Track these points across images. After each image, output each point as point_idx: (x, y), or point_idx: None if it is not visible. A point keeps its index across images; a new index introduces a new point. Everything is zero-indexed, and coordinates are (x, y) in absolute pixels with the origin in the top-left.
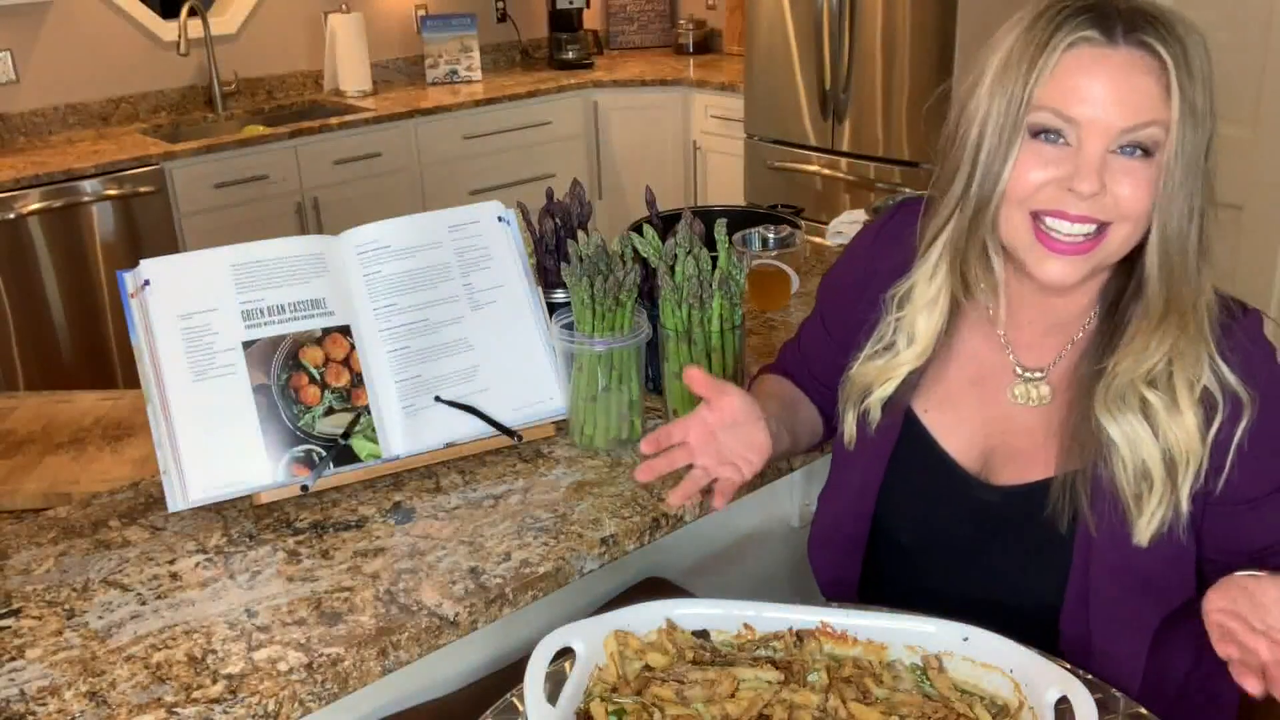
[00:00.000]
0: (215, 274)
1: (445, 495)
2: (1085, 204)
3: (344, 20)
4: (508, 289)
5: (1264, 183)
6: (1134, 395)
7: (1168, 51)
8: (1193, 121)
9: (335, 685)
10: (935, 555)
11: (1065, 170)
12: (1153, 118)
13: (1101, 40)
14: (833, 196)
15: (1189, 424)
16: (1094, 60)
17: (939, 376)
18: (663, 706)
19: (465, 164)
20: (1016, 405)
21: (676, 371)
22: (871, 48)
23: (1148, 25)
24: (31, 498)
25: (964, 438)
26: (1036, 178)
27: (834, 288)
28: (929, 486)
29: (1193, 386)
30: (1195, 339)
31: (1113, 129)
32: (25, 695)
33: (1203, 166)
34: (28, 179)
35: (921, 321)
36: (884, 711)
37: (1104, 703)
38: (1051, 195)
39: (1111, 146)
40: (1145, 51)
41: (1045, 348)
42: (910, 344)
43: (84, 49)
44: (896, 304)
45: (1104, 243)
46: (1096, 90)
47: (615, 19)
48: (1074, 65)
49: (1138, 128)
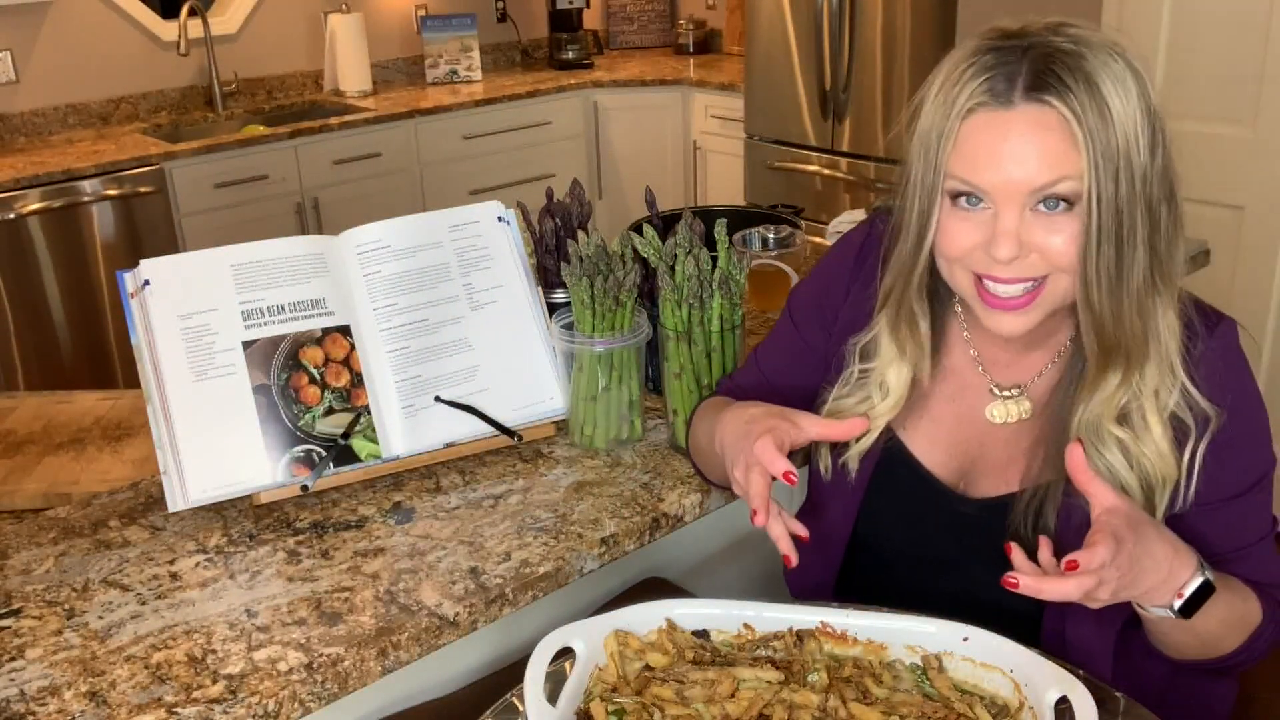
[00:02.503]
0: (215, 274)
1: (445, 495)
2: (1011, 267)
3: (344, 20)
4: (508, 289)
5: (1264, 183)
6: (1106, 431)
7: (1067, 106)
8: (1110, 167)
9: (335, 685)
10: (914, 567)
11: (986, 235)
12: (1062, 174)
13: (996, 105)
14: (833, 196)
15: (1164, 449)
16: (992, 125)
17: (917, 395)
18: (663, 706)
19: (465, 164)
20: (995, 423)
21: (676, 371)
22: (871, 48)
23: (1049, 73)
24: (31, 498)
25: (942, 452)
26: (962, 243)
27: (815, 297)
28: (909, 502)
29: (1163, 413)
30: (1161, 367)
31: (1021, 191)
32: (25, 695)
33: (1145, 197)
34: (28, 179)
35: (892, 375)
36: (884, 711)
37: (1104, 703)
38: (980, 259)
39: (1028, 206)
40: (1045, 108)
41: (1024, 365)
42: (885, 397)
43: (84, 49)
44: (860, 355)
45: (1045, 293)
46: (999, 156)
47: (615, 19)
48: (974, 133)
49: (1046, 186)
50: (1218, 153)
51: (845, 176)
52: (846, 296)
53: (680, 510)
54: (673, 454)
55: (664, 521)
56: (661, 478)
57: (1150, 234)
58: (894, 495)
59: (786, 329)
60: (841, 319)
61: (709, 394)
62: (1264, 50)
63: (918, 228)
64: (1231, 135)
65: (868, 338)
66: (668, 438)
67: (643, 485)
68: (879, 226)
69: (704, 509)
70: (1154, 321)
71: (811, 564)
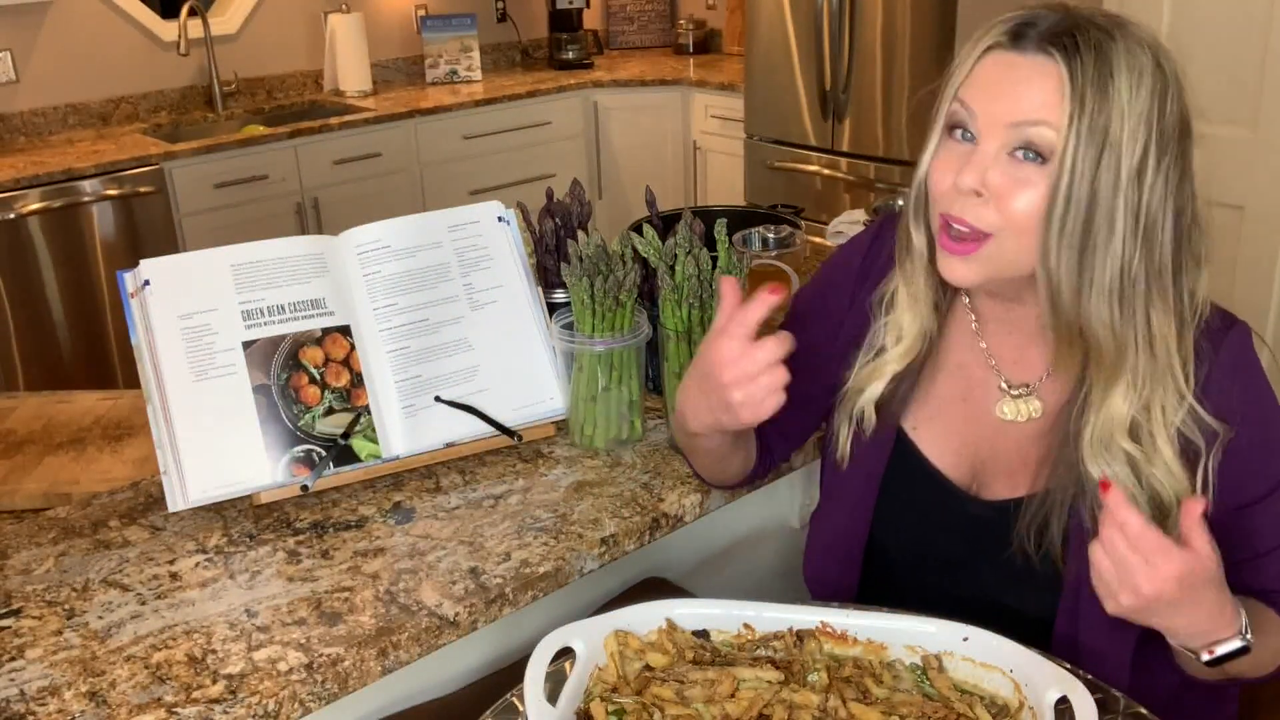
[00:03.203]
0: (215, 274)
1: (445, 495)
2: (964, 208)
3: (344, 20)
4: (508, 289)
5: (1264, 183)
6: (1116, 444)
7: (1068, 66)
8: (1094, 141)
9: (335, 685)
10: (929, 568)
11: (962, 165)
12: (1043, 118)
13: (1010, 47)
14: (833, 196)
15: (1175, 469)
16: (999, 62)
17: (928, 392)
18: (663, 706)
19: (465, 164)
20: (1006, 421)
21: (676, 371)
22: (871, 48)
23: (1067, 35)
24: (31, 498)
25: (953, 453)
26: (944, 178)
27: (819, 299)
28: (921, 503)
29: (1169, 430)
30: (1164, 383)
31: (1001, 122)
32: (25, 695)
33: (1135, 197)
34: (28, 179)
35: (907, 320)
36: (884, 711)
37: (1104, 703)
38: (949, 197)
39: (1007, 146)
40: (1050, 60)
41: (1031, 362)
42: (898, 342)
43: (84, 49)
44: (884, 308)
45: (990, 246)
46: (994, 86)
47: (615, 19)
48: (983, 68)
49: (1025, 124)
50: (1218, 153)
51: (845, 176)
52: (852, 302)
53: (680, 510)
54: (673, 454)
55: (664, 521)
56: (661, 478)
57: (1140, 237)
58: (907, 496)
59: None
60: (847, 323)
61: None
62: (1264, 51)
63: (924, 158)
64: (1231, 136)
65: (890, 289)
66: (668, 438)
67: (643, 485)
68: (886, 230)
69: (704, 509)
70: (1138, 322)
71: (829, 567)
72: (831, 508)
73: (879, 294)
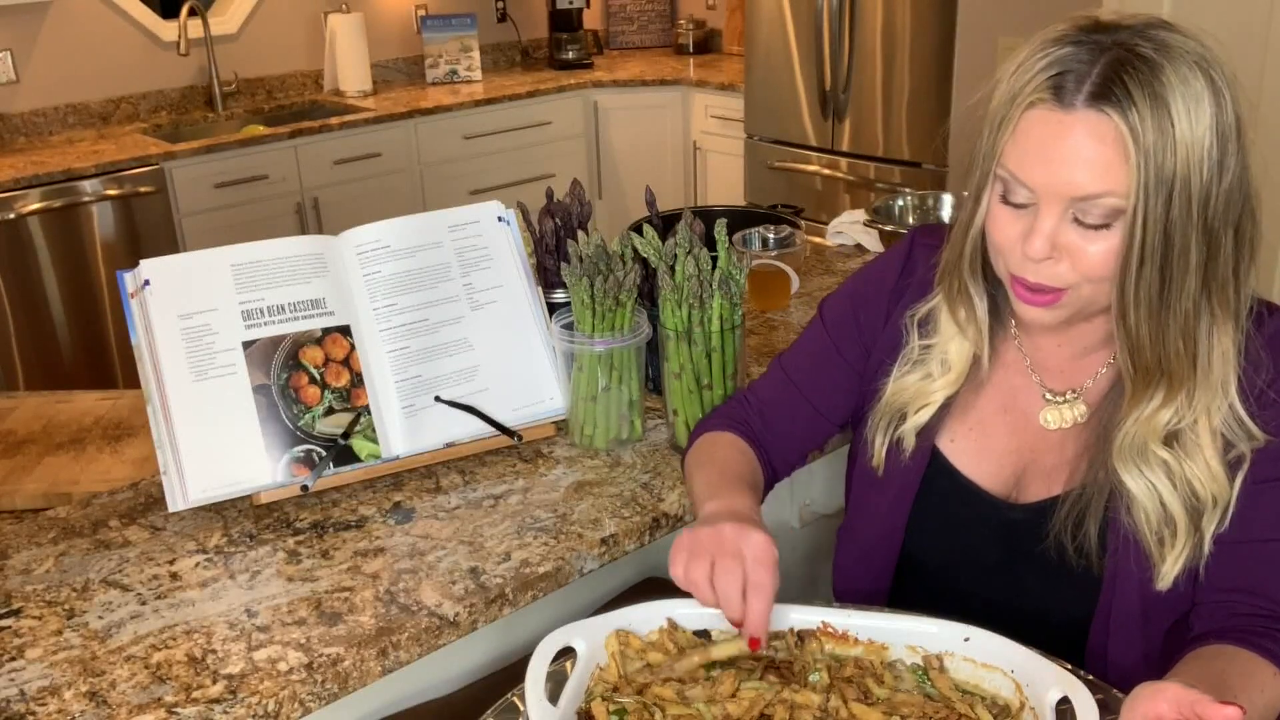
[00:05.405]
0: (215, 274)
1: (445, 495)
2: (1039, 272)
3: (344, 20)
4: (508, 289)
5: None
6: (1151, 452)
7: (1126, 121)
8: (1163, 189)
9: (335, 685)
10: (962, 575)
11: (1026, 228)
12: (1108, 187)
13: (1057, 105)
14: (833, 196)
15: (1216, 470)
16: (1048, 124)
17: (968, 406)
18: (664, 706)
19: (465, 164)
20: (1049, 429)
21: (676, 371)
22: (871, 48)
23: (1117, 82)
24: (31, 498)
25: (994, 464)
26: (1007, 233)
27: (851, 313)
28: (957, 515)
29: (1215, 435)
30: (1212, 391)
31: (1063, 195)
32: (25, 695)
33: (1204, 220)
34: (28, 179)
35: (954, 350)
36: (885, 711)
37: (1105, 703)
38: (1016, 259)
39: (1069, 213)
40: (1104, 118)
41: (1077, 370)
42: (945, 371)
43: (84, 49)
44: (919, 329)
45: (1068, 295)
46: (1050, 156)
47: (615, 19)
48: (1031, 127)
49: (1091, 197)
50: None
51: (845, 176)
52: (886, 321)
53: (680, 510)
54: (673, 454)
55: (664, 521)
56: (661, 478)
57: (1206, 259)
58: (942, 508)
59: (819, 340)
60: (881, 342)
61: (709, 394)
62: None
63: (972, 202)
64: None
65: (925, 309)
66: (668, 438)
67: (643, 485)
68: (919, 245)
69: None
70: (1203, 347)
71: (860, 579)
72: (862, 521)
73: (915, 312)
